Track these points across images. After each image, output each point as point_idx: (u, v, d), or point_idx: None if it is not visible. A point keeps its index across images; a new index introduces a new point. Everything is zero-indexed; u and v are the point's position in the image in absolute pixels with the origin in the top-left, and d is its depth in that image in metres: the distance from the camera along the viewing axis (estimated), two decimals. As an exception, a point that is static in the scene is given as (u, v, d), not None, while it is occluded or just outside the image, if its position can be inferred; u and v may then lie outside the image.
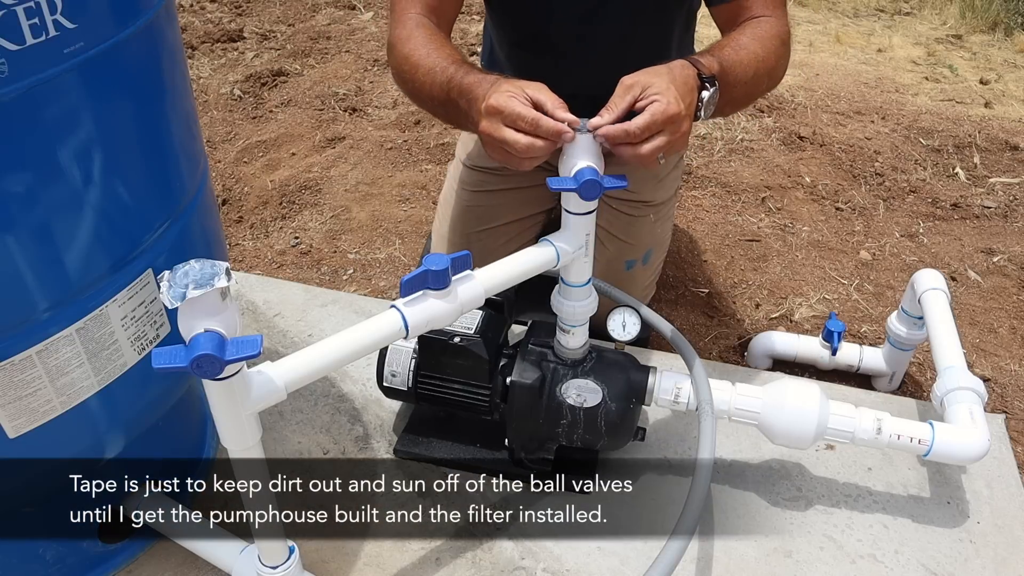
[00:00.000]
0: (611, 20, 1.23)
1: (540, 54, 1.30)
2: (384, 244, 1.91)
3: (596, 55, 1.26)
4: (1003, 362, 1.59)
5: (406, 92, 1.14)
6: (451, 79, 1.02)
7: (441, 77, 1.03)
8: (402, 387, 1.15)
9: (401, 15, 1.14)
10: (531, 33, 1.28)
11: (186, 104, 0.92)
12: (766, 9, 1.12)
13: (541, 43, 1.28)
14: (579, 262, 0.99)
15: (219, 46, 2.95)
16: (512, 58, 1.37)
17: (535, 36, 1.28)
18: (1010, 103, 2.71)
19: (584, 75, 1.24)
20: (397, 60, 1.11)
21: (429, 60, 1.06)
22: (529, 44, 1.30)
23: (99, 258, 0.79)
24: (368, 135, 2.37)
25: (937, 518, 1.13)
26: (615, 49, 1.25)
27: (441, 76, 1.03)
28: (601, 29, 1.23)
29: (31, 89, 0.66)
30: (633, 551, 1.07)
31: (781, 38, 1.11)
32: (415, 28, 1.12)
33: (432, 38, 1.10)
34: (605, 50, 1.25)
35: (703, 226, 1.99)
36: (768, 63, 1.07)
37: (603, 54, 1.26)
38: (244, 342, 0.67)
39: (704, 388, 1.05)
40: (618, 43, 1.25)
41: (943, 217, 2.06)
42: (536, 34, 1.27)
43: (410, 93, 1.12)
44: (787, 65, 1.13)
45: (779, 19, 1.13)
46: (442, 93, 1.03)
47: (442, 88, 1.03)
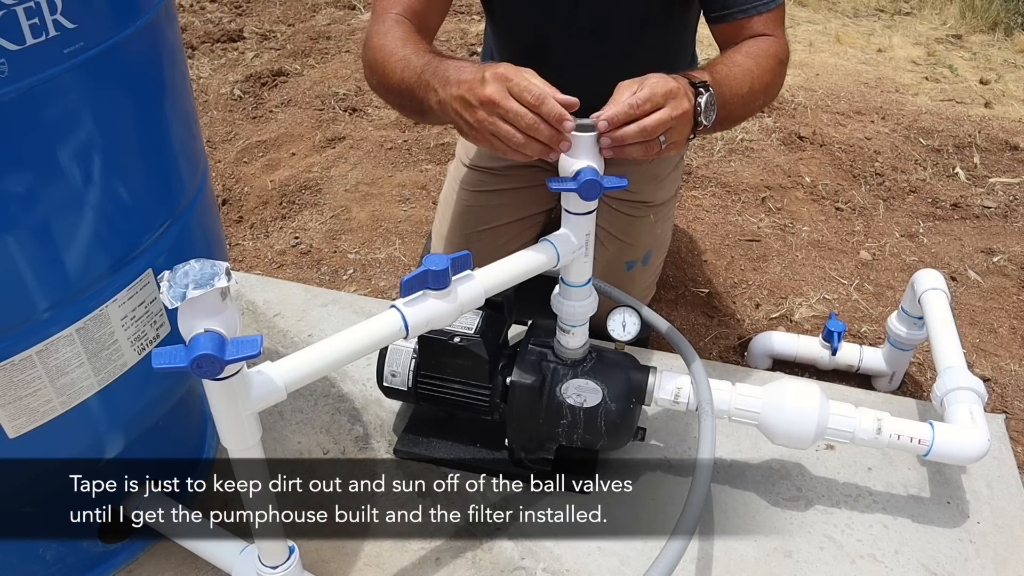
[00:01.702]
0: (614, 34, 1.22)
1: (541, 64, 1.30)
2: (384, 244, 1.91)
3: (598, 67, 1.25)
4: (1003, 362, 1.59)
5: (374, 82, 1.11)
6: (428, 64, 0.99)
7: (417, 62, 1.01)
8: (402, 387, 1.15)
9: (381, 14, 1.13)
10: (532, 44, 1.28)
11: (186, 104, 0.92)
12: (766, 28, 1.14)
13: (542, 54, 1.27)
14: (579, 262, 0.99)
15: (219, 46, 2.95)
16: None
17: (536, 47, 1.27)
18: (1010, 103, 2.71)
19: (585, 86, 1.24)
20: (370, 52, 1.09)
21: (404, 50, 1.04)
22: (530, 54, 1.30)
23: (99, 258, 0.79)
24: (368, 135, 2.37)
25: (937, 518, 1.13)
26: (617, 61, 1.25)
27: (417, 61, 1.01)
28: (604, 42, 1.23)
29: (31, 89, 0.66)
30: (633, 551, 1.07)
31: (778, 57, 1.12)
32: (394, 25, 1.10)
33: (409, 36, 1.08)
34: (607, 62, 1.25)
35: (703, 226, 1.99)
36: (763, 80, 1.08)
37: (605, 66, 1.25)
38: (244, 342, 0.67)
39: (704, 388, 1.05)
40: (620, 56, 1.25)
41: (943, 217, 2.06)
42: (537, 45, 1.27)
43: (378, 84, 1.09)
44: (783, 82, 1.15)
45: (777, 39, 1.14)
46: (414, 77, 1.00)
47: (415, 72, 1.00)
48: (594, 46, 1.23)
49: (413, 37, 1.07)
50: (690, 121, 0.96)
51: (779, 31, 1.14)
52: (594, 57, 1.24)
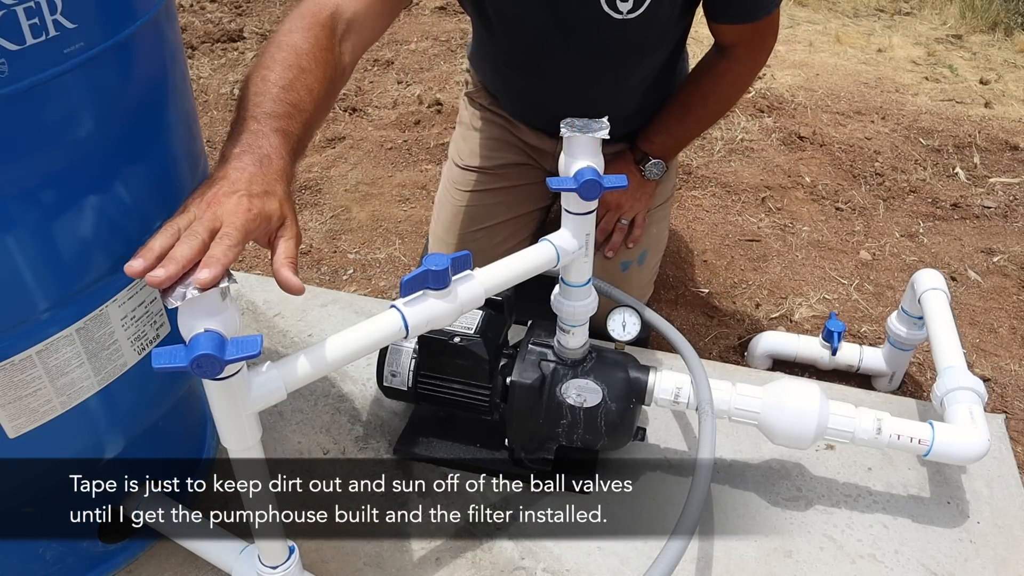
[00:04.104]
0: (611, 62, 1.22)
1: (529, 77, 1.29)
2: (384, 244, 1.91)
3: (587, 83, 1.26)
4: (1003, 362, 1.59)
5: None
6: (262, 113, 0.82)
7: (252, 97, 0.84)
8: (402, 387, 1.15)
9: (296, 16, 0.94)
10: (523, 60, 1.27)
11: (186, 104, 0.92)
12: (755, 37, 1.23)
13: (532, 69, 1.27)
14: (579, 262, 0.99)
15: (219, 46, 2.95)
16: (500, 73, 1.38)
17: (527, 63, 1.26)
18: (1010, 103, 2.71)
19: (573, 100, 1.25)
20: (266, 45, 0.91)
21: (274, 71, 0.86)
22: (520, 68, 1.29)
23: (99, 258, 0.79)
24: (368, 135, 2.37)
25: (937, 518, 1.13)
26: (606, 78, 1.25)
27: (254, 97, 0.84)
28: (598, 70, 1.23)
29: (31, 89, 0.66)
30: (633, 551, 1.07)
31: (750, 81, 1.34)
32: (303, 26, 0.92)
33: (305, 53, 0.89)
34: (596, 79, 1.25)
35: (703, 226, 1.99)
36: (719, 112, 1.39)
37: (594, 82, 1.25)
38: (244, 342, 0.67)
39: (704, 388, 1.05)
40: (610, 75, 1.24)
41: (943, 217, 2.06)
42: (528, 62, 1.26)
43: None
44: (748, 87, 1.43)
45: (763, 55, 1.27)
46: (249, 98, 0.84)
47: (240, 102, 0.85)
48: (585, 66, 1.22)
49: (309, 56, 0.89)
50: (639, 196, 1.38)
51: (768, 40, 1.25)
52: (585, 75, 1.24)
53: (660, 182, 1.42)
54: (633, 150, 1.38)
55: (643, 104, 1.33)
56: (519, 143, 1.45)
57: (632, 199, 1.38)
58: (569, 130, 0.92)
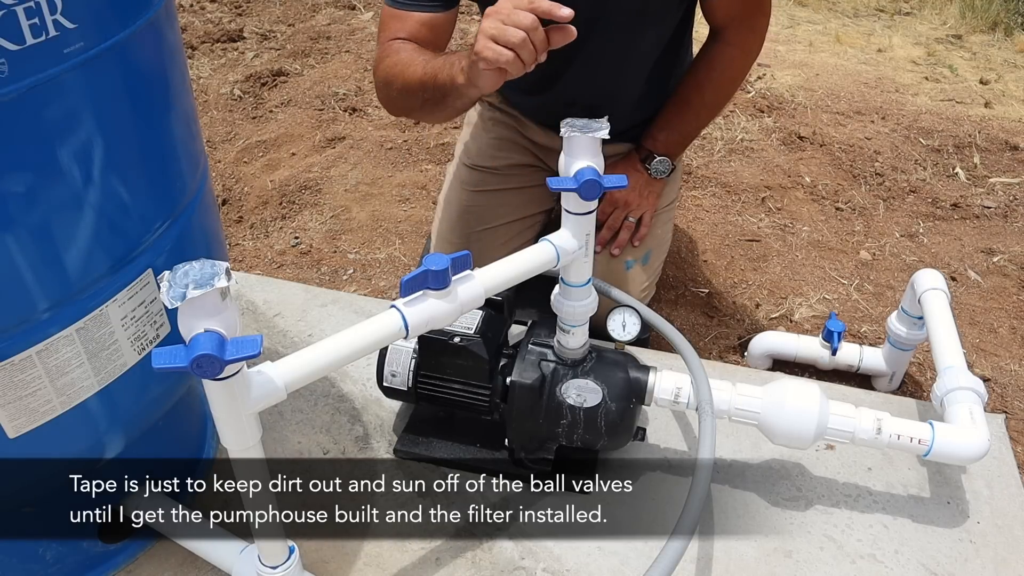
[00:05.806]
0: (611, 30, 1.23)
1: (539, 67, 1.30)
2: (384, 244, 1.91)
3: (595, 63, 1.26)
4: (1003, 362, 1.59)
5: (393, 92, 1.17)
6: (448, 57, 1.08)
7: (439, 57, 1.10)
8: (402, 387, 1.15)
9: (384, 43, 1.20)
10: None
11: (186, 104, 0.92)
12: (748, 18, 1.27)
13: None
14: (579, 262, 0.99)
15: (219, 46, 2.95)
16: None
17: None
18: (1010, 103, 2.71)
19: (583, 83, 1.25)
20: (384, 70, 1.17)
21: (422, 56, 1.12)
22: None
23: (99, 258, 0.79)
24: (368, 135, 2.37)
25: (937, 518, 1.13)
26: (614, 58, 1.25)
27: (439, 57, 1.10)
28: (600, 39, 1.23)
29: (31, 89, 0.66)
30: (633, 551, 1.07)
31: (744, 68, 1.36)
32: (402, 45, 1.18)
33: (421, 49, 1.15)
34: (604, 59, 1.25)
35: (703, 226, 1.99)
36: (717, 103, 1.39)
37: (602, 62, 1.26)
38: (244, 342, 0.67)
39: (704, 388, 1.05)
40: (616, 53, 1.25)
41: (943, 217, 2.06)
42: None
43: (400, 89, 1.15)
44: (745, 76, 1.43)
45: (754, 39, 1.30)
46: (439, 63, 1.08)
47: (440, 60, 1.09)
48: (591, 43, 1.23)
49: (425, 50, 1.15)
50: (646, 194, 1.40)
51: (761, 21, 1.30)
52: (592, 53, 1.24)
53: (666, 183, 1.42)
54: (638, 149, 1.39)
55: (648, 90, 1.35)
56: (527, 143, 1.46)
57: (640, 197, 1.39)
58: (569, 130, 0.92)
